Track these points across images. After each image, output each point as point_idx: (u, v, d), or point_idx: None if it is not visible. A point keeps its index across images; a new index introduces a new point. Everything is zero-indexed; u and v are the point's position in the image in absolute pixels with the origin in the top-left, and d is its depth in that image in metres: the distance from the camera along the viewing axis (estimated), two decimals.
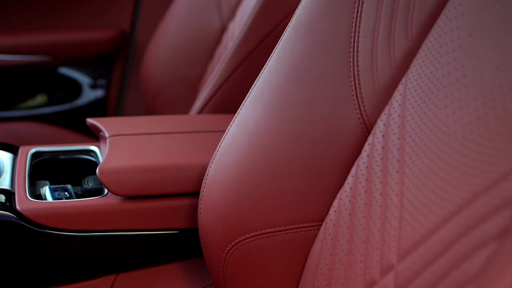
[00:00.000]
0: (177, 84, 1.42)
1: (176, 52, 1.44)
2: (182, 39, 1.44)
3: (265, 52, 1.09)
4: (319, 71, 0.77)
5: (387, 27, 0.74)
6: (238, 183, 0.80)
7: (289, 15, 1.08)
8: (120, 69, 1.70)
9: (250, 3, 1.34)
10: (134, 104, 1.70)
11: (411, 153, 0.68)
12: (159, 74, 1.45)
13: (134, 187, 0.88)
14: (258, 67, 1.10)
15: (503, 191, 0.57)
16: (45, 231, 0.86)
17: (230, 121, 1.05)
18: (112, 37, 1.67)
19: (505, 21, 0.63)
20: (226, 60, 1.12)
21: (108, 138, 0.95)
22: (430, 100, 0.68)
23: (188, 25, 1.44)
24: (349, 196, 0.74)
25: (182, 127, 1.01)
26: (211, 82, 1.13)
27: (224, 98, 1.12)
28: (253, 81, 1.11)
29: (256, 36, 1.09)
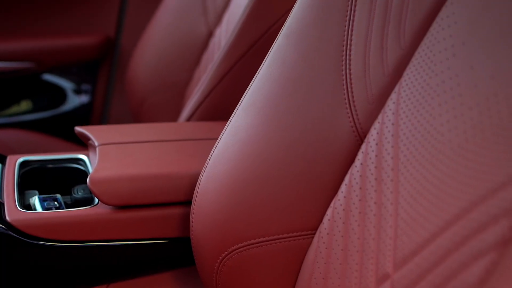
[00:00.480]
0: (164, 90, 1.42)
1: (162, 58, 1.43)
2: (168, 44, 1.43)
3: (254, 58, 1.09)
4: (311, 79, 0.77)
5: (379, 35, 0.74)
6: (231, 192, 0.79)
7: (277, 21, 1.08)
8: (105, 75, 1.69)
9: (237, 9, 1.34)
10: (119, 110, 1.69)
11: (406, 161, 0.68)
12: (145, 80, 1.45)
13: (125, 196, 0.87)
14: (247, 74, 1.10)
15: (500, 201, 0.57)
16: (35, 242, 0.85)
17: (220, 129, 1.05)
18: (97, 43, 1.66)
19: (499, 30, 0.63)
20: (214, 67, 1.12)
21: (98, 147, 0.94)
22: (424, 108, 0.68)
23: (174, 31, 1.43)
24: (343, 205, 0.74)
25: (172, 135, 1.01)
26: (200, 89, 1.13)
27: (213, 105, 1.12)
28: (243, 88, 1.11)
29: (244, 42, 1.09)
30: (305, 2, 0.80)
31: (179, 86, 1.41)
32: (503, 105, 0.60)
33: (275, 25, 1.07)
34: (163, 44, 1.44)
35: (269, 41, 1.08)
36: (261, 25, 1.08)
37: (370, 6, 0.75)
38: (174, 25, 1.44)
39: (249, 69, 1.09)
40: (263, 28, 1.08)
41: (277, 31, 1.07)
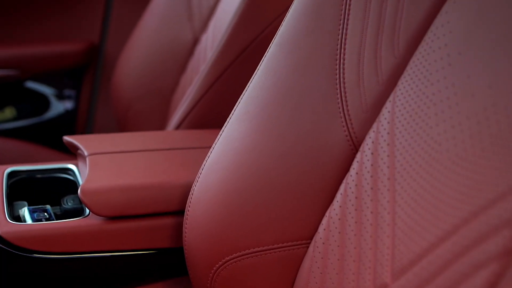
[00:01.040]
0: (149, 96, 1.41)
1: (147, 64, 1.43)
2: (154, 51, 1.42)
3: (243, 66, 1.09)
4: (305, 88, 0.77)
5: (373, 44, 0.74)
6: (224, 202, 0.79)
7: (266, 28, 1.07)
8: (90, 81, 1.68)
9: (223, 16, 1.33)
10: (104, 117, 1.68)
11: (402, 171, 0.68)
12: (130, 86, 1.44)
13: (117, 207, 0.86)
14: (237, 81, 1.10)
15: (501, 211, 0.57)
16: (26, 254, 0.84)
17: (210, 137, 1.04)
18: (81, 50, 1.64)
19: (495, 39, 0.63)
20: (203, 74, 1.11)
21: (88, 156, 0.93)
22: (420, 117, 0.68)
23: (160, 37, 1.43)
24: (339, 214, 0.74)
25: (162, 144, 1.00)
26: (189, 97, 1.12)
27: (203, 113, 1.11)
28: (232, 95, 1.10)
29: (233, 50, 1.09)
30: (298, 11, 0.79)
31: (165, 93, 1.40)
32: (502, 115, 0.60)
33: (264, 32, 1.07)
34: (149, 50, 1.43)
35: (259, 48, 1.08)
36: (250, 32, 1.08)
37: (364, 15, 0.75)
38: (159, 32, 1.43)
39: (238, 76, 1.09)
40: (252, 35, 1.08)
41: (266, 38, 1.08)
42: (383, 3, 0.74)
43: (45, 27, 1.66)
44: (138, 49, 1.46)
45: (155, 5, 1.46)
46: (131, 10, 1.66)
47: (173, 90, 1.40)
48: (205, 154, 0.93)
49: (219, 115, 1.10)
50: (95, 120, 1.69)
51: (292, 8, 0.80)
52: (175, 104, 1.38)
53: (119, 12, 1.68)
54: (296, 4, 0.80)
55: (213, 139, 1.02)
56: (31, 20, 1.66)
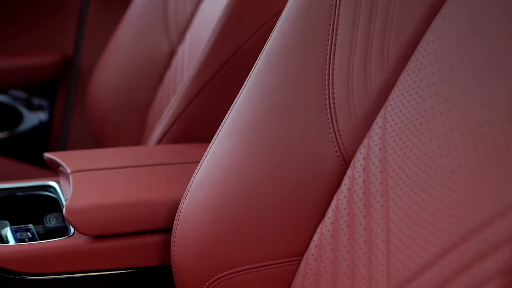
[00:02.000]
0: (126, 109, 1.40)
1: (123, 76, 1.41)
2: (130, 63, 1.41)
3: (225, 79, 1.08)
4: (293, 104, 0.77)
5: (362, 60, 0.74)
6: (213, 220, 0.78)
7: (248, 41, 1.07)
8: (64, 94, 1.66)
9: (200, 27, 1.33)
10: (79, 130, 1.66)
11: (396, 187, 0.68)
12: (106, 99, 1.42)
13: (103, 226, 0.85)
14: (219, 95, 1.09)
15: (500, 229, 0.57)
16: (10, 276, 0.82)
17: (193, 152, 1.04)
18: (55, 62, 1.62)
19: (488, 55, 0.63)
20: (184, 88, 1.10)
21: (70, 174, 0.92)
22: (412, 133, 0.68)
23: (135, 49, 1.41)
24: (331, 231, 0.73)
25: (146, 160, 0.99)
26: (170, 111, 1.12)
27: (185, 127, 1.10)
28: (214, 109, 1.10)
29: (215, 62, 1.08)
30: (286, 26, 0.79)
31: (142, 105, 1.39)
32: (498, 132, 0.60)
33: (246, 44, 1.07)
34: (124, 62, 1.42)
35: (241, 60, 1.08)
36: (232, 45, 1.07)
37: (352, 30, 0.75)
38: (135, 43, 1.42)
39: (221, 89, 1.09)
40: (234, 47, 1.07)
41: (248, 51, 1.07)
42: (371, 19, 0.74)
43: (18, 40, 1.64)
44: (113, 61, 1.44)
45: (131, 16, 1.45)
46: (105, 22, 1.65)
47: (150, 102, 1.39)
48: (190, 169, 0.92)
49: (202, 129, 1.09)
50: (69, 133, 1.67)
51: (279, 24, 0.80)
52: (152, 116, 1.37)
53: (93, 24, 1.66)
54: (283, 19, 0.80)
55: (197, 153, 1.01)
56: (3, 33, 1.63)
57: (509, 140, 0.59)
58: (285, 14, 0.80)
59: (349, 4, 0.75)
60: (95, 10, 1.66)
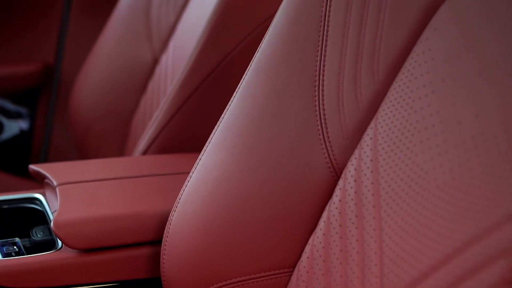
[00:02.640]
0: (109, 118, 1.39)
1: (106, 85, 1.40)
2: (112, 72, 1.40)
3: (211, 88, 1.08)
4: (284, 116, 0.77)
5: (352, 71, 0.74)
6: (204, 232, 0.78)
7: (233, 50, 1.07)
8: (46, 103, 1.65)
9: (183, 35, 1.32)
10: (61, 138, 1.65)
11: (388, 198, 0.68)
12: (89, 108, 1.41)
13: (92, 239, 0.84)
14: (205, 104, 1.09)
15: (496, 242, 0.57)
16: None
17: (180, 162, 1.03)
18: (36, 71, 1.61)
19: (480, 67, 0.63)
20: (170, 97, 1.10)
21: (57, 187, 0.91)
22: (404, 145, 0.68)
23: (118, 57, 1.40)
24: (322, 242, 0.73)
25: (133, 171, 0.98)
26: (156, 120, 1.11)
27: (171, 137, 1.10)
28: (201, 118, 1.10)
29: (201, 72, 1.08)
30: (275, 37, 0.79)
31: (125, 114, 1.38)
32: (491, 144, 0.60)
33: (232, 53, 1.06)
34: (107, 71, 1.41)
35: (227, 69, 1.07)
36: (218, 54, 1.07)
37: (342, 41, 0.75)
38: (117, 52, 1.41)
39: (207, 98, 1.08)
40: (220, 56, 1.07)
41: (234, 60, 1.07)
42: (361, 30, 0.74)
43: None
44: (96, 69, 1.43)
45: (113, 25, 1.44)
46: (86, 30, 1.64)
47: (133, 111, 1.38)
48: (177, 180, 0.92)
49: (189, 139, 1.09)
50: (51, 142, 1.66)
51: (268, 35, 0.80)
52: (135, 125, 1.37)
53: (74, 33, 1.65)
54: (272, 30, 0.80)
55: (184, 164, 1.01)
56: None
57: (503, 151, 0.59)
58: (274, 25, 0.80)
59: (338, 15, 0.75)
60: (76, 19, 1.65)
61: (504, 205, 0.58)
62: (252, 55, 0.83)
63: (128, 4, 1.43)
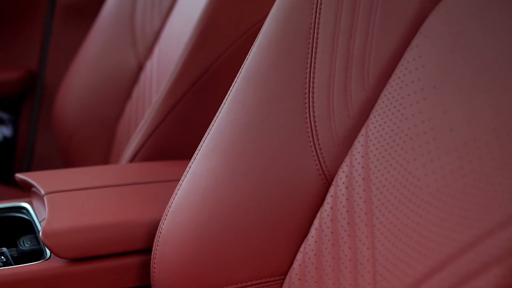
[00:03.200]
0: (94, 124, 1.38)
1: (90, 91, 1.40)
2: (97, 77, 1.40)
3: (198, 95, 1.08)
4: (274, 123, 0.76)
5: (342, 78, 0.74)
6: (195, 240, 0.78)
7: (220, 56, 1.06)
8: (29, 110, 1.63)
9: (168, 41, 1.32)
10: (45, 146, 1.64)
11: (380, 205, 0.68)
12: (73, 114, 1.40)
13: (82, 248, 0.84)
14: (193, 111, 1.09)
15: (490, 248, 0.57)
16: None
17: (169, 169, 1.03)
18: (19, 78, 1.60)
19: (472, 74, 0.63)
20: (157, 104, 1.09)
21: (45, 196, 0.90)
22: (396, 152, 0.68)
23: (102, 63, 1.40)
24: (314, 250, 0.73)
25: (121, 179, 0.98)
26: (142, 128, 1.10)
27: (158, 144, 1.09)
28: (189, 124, 1.09)
29: (187, 79, 1.07)
30: (264, 44, 0.79)
31: (110, 121, 1.37)
32: (483, 151, 0.60)
33: (219, 60, 1.06)
34: (91, 77, 1.40)
35: (214, 76, 1.07)
36: (204, 61, 1.06)
37: (332, 48, 0.75)
38: (102, 58, 1.40)
39: (194, 105, 1.08)
40: (207, 63, 1.06)
41: (221, 66, 1.07)
42: (351, 37, 0.74)
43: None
44: (80, 75, 1.43)
45: (97, 31, 1.43)
46: (70, 37, 1.63)
47: (118, 117, 1.37)
48: (166, 188, 0.91)
49: (176, 146, 1.09)
50: (35, 149, 1.65)
51: (257, 42, 0.80)
52: (120, 132, 1.36)
53: (57, 39, 1.64)
54: (261, 37, 0.79)
55: (172, 171, 1.00)
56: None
57: (496, 158, 0.59)
58: (263, 32, 0.79)
59: (328, 22, 0.75)
60: (60, 25, 1.64)
61: (497, 212, 0.58)
62: (239, 60, 0.83)
63: (112, 10, 1.43)
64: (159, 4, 1.39)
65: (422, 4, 0.70)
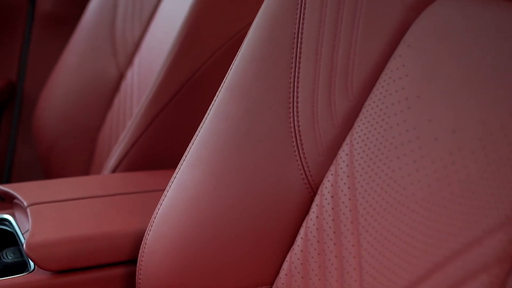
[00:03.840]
0: (74, 134, 1.37)
1: (71, 101, 1.39)
2: (77, 87, 1.39)
3: (180, 105, 1.08)
4: (258, 133, 0.76)
5: (326, 87, 0.74)
6: (180, 250, 0.77)
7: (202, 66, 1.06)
8: (9, 121, 1.62)
9: (149, 50, 1.32)
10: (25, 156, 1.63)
11: (366, 214, 0.68)
12: (54, 124, 1.39)
13: (66, 260, 0.83)
14: (175, 120, 1.09)
15: (478, 256, 0.58)
16: None
17: (153, 180, 1.03)
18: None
19: (457, 85, 0.64)
20: (139, 114, 1.09)
21: (28, 207, 0.90)
22: (381, 161, 0.68)
23: (83, 73, 1.39)
24: (301, 259, 0.73)
25: (105, 189, 0.97)
26: (125, 138, 1.10)
27: (141, 154, 1.09)
28: (171, 134, 1.09)
29: (169, 89, 1.07)
30: (248, 54, 0.79)
31: (91, 130, 1.37)
32: (469, 160, 0.61)
33: (200, 69, 1.06)
34: (72, 87, 1.40)
35: (196, 86, 1.07)
36: (187, 69, 1.07)
37: (315, 58, 0.75)
38: (82, 67, 1.40)
39: (176, 115, 1.08)
40: (189, 72, 1.06)
41: (203, 75, 1.07)
42: (334, 47, 0.74)
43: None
44: (60, 85, 1.42)
45: (77, 40, 1.43)
46: (49, 47, 1.62)
47: (99, 127, 1.37)
48: (150, 198, 0.91)
49: (159, 155, 1.08)
50: (15, 160, 1.64)
51: (241, 52, 0.80)
52: (102, 142, 1.35)
53: (37, 50, 1.63)
54: (245, 47, 0.80)
55: (156, 181, 1.00)
56: None
57: (482, 167, 0.60)
58: (246, 42, 0.80)
59: (311, 32, 0.76)
60: (39, 35, 1.63)
61: (483, 220, 0.58)
62: (222, 69, 0.83)
63: (92, 19, 1.42)
64: (140, 13, 1.39)
65: (405, 14, 0.70)
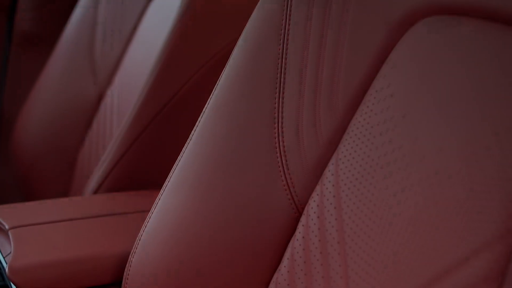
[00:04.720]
0: (54, 155, 1.36)
1: (49, 121, 1.38)
2: (56, 107, 1.38)
3: (163, 124, 1.07)
4: (243, 153, 0.76)
5: (311, 107, 0.74)
6: (165, 274, 0.77)
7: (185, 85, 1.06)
8: None
9: (130, 69, 1.31)
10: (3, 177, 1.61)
11: (353, 234, 0.68)
12: (33, 145, 1.38)
13: (50, 283, 0.83)
14: (157, 140, 1.08)
15: (466, 276, 0.58)
16: None
17: (136, 200, 1.02)
18: None
19: (440, 106, 0.64)
20: (121, 135, 1.08)
21: (9, 230, 0.89)
22: (367, 181, 0.68)
23: (62, 92, 1.38)
24: (287, 280, 0.73)
25: (86, 211, 0.97)
26: (107, 159, 1.09)
27: (123, 175, 1.08)
28: (154, 155, 1.09)
29: (151, 108, 1.07)
30: (233, 73, 0.79)
31: (71, 150, 1.36)
32: (455, 180, 0.61)
33: (184, 87, 1.06)
34: (50, 107, 1.39)
35: (178, 105, 1.07)
36: (170, 88, 1.06)
37: (300, 77, 0.75)
38: (61, 87, 1.39)
39: (159, 135, 1.07)
40: (172, 91, 1.06)
41: (186, 94, 1.07)
42: (319, 66, 0.74)
43: None
44: (39, 105, 1.41)
45: (56, 60, 1.42)
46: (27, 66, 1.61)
47: (79, 147, 1.36)
48: (133, 219, 0.91)
49: (142, 176, 1.08)
50: None
51: (226, 71, 0.80)
52: (81, 162, 1.34)
53: (15, 68, 1.62)
54: (230, 67, 0.80)
55: (138, 202, 1.00)
56: None
57: (468, 187, 0.60)
58: (231, 62, 0.80)
59: (295, 52, 0.76)
60: (17, 54, 1.62)
61: (471, 240, 0.58)
62: (205, 88, 0.83)
63: (71, 38, 1.42)
64: (119, 32, 1.38)
65: (389, 34, 0.71)
